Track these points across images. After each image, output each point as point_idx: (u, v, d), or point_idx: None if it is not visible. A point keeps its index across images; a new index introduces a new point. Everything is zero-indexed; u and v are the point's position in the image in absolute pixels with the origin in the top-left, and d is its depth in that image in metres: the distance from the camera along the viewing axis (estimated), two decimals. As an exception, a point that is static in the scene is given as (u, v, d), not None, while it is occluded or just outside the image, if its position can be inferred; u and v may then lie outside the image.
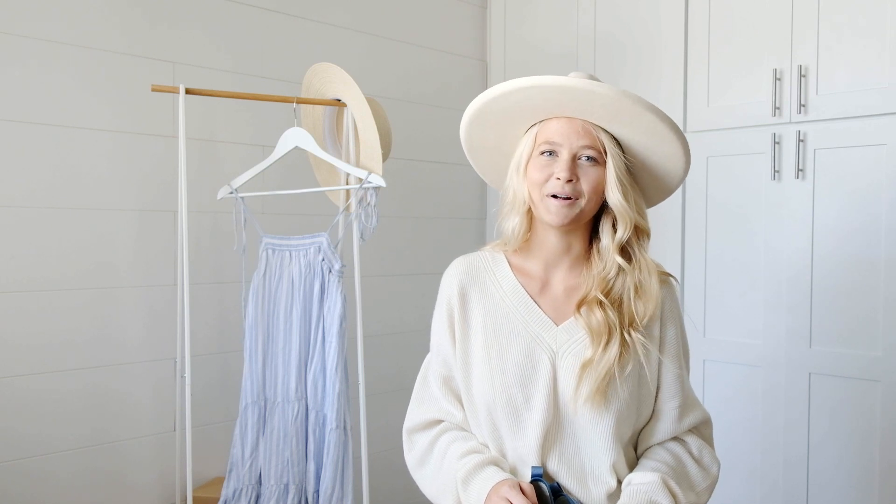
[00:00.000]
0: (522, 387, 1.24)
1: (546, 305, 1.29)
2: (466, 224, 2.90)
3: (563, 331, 1.27)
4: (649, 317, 1.26)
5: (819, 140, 2.10)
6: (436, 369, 1.35)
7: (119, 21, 2.06)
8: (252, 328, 1.97)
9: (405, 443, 1.37)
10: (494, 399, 1.25)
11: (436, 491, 1.30)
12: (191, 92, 1.88)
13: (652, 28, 2.44)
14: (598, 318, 1.23)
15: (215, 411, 2.24)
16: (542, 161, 1.25)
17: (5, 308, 1.90)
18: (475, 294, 1.31)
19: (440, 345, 1.34)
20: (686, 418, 1.30)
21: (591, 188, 1.24)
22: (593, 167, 1.24)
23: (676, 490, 1.21)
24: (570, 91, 1.21)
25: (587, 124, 1.25)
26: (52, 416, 1.97)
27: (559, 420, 1.24)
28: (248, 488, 1.95)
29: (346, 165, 1.99)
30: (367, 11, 2.59)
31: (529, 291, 1.30)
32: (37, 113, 1.94)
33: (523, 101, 1.26)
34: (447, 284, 1.34)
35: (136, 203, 2.10)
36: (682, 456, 1.29)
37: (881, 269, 2.01)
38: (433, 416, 1.34)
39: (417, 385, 1.39)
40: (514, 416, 1.24)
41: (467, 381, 1.30)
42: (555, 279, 1.31)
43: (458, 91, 2.86)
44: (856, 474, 2.06)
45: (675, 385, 1.29)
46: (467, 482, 1.23)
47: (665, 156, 1.28)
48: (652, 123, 1.23)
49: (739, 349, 2.26)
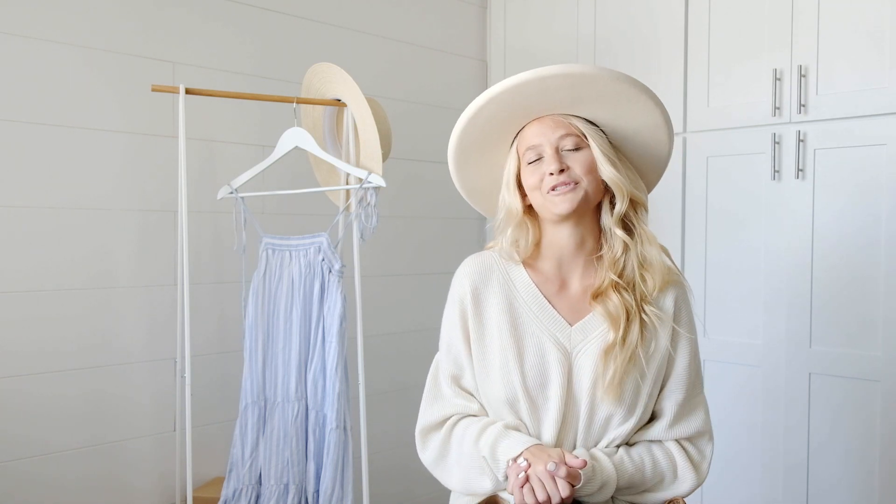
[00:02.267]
0: (540, 388, 1.25)
1: (561, 306, 1.30)
2: (466, 224, 2.90)
3: (577, 331, 1.27)
4: (659, 287, 1.27)
5: (819, 140, 2.10)
6: (446, 368, 1.34)
7: (119, 21, 2.06)
8: (252, 328, 1.97)
9: (419, 443, 1.36)
10: (513, 399, 1.25)
11: (464, 476, 1.28)
12: (191, 92, 1.88)
13: (652, 27, 2.44)
14: (615, 302, 1.24)
15: (215, 411, 2.24)
16: (532, 168, 1.27)
17: (5, 308, 1.90)
18: (489, 294, 1.31)
19: (451, 344, 1.33)
20: (679, 425, 1.28)
21: (585, 169, 1.24)
22: (578, 152, 1.25)
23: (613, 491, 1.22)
24: (521, 87, 1.22)
25: (557, 117, 1.27)
26: (51, 417, 1.97)
27: (571, 418, 1.25)
28: (248, 488, 1.95)
29: (346, 165, 1.99)
30: (367, 11, 2.59)
31: (545, 292, 1.30)
32: (36, 113, 1.94)
33: (487, 123, 1.28)
34: (459, 284, 1.33)
35: (136, 203, 2.10)
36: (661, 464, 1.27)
37: (881, 269, 2.00)
38: (446, 413, 1.33)
39: (428, 384, 1.38)
40: (533, 415, 1.25)
41: (485, 382, 1.29)
42: (572, 279, 1.31)
43: (458, 91, 2.86)
44: (856, 474, 2.06)
45: (677, 383, 1.29)
46: (494, 450, 1.22)
47: (644, 125, 1.28)
48: (610, 85, 1.22)
49: (739, 349, 2.26)
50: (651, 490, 1.28)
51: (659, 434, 1.28)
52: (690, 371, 1.30)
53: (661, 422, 1.28)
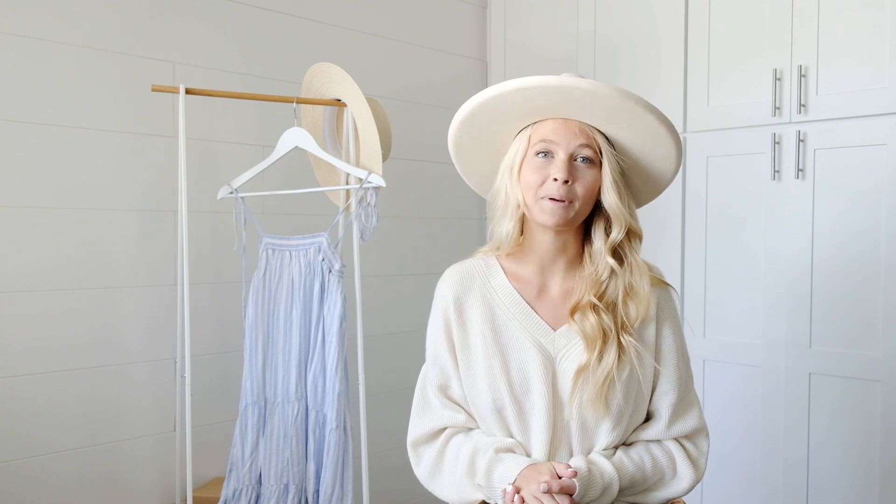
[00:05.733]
0: (526, 393, 1.24)
1: (543, 311, 1.29)
2: (466, 224, 2.90)
3: (560, 335, 1.27)
4: (641, 319, 1.25)
5: (819, 140, 2.10)
6: (432, 379, 1.34)
7: (119, 21, 2.06)
8: (252, 328, 1.97)
9: (412, 457, 1.36)
10: (501, 406, 1.25)
11: (458, 496, 1.28)
12: (191, 92, 1.88)
13: (652, 27, 2.44)
14: (591, 322, 1.23)
15: (215, 411, 2.24)
16: (538, 162, 1.24)
17: (5, 307, 1.90)
18: (471, 303, 1.30)
19: (437, 354, 1.33)
20: (676, 423, 1.28)
21: (586, 190, 1.23)
22: (589, 168, 1.23)
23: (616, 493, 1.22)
24: (572, 91, 1.19)
25: (583, 125, 1.24)
26: (51, 417, 1.97)
27: (561, 422, 1.24)
28: (248, 488, 1.95)
29: (346, 165, 1.99)
30: (367, 11, 2.59)
31: (526, 297, 1.29)
32: (36, 113, 1.94)
33: (522, 102, 1.24)
34: (441, 295, 1.33)
35: (136, 203, 2.10)
36: (661, 462, 1.27)
37: (881, 269, 2.00)
38: (435, 425, 1.33)
39: (416, 396, 1.38)
40: (521, 421, 1.25)
41: (472, 390, 1.29)
42: (552, 283, 1.31)
43: (458, 91, 2.86)
44: (856, 474, 2.06)
45: (668, 385, 1.28)
46: (489, 478, 1.22)
47: (660, 158, 1.28)
48: (651, 125, 1.22)
49: (739, 349, 2.26)
50: (651, 489, 1.28)
51: (658, 434, 1.28)
52: (680, 370, 1.30)
53: (658, 423, 1.28)
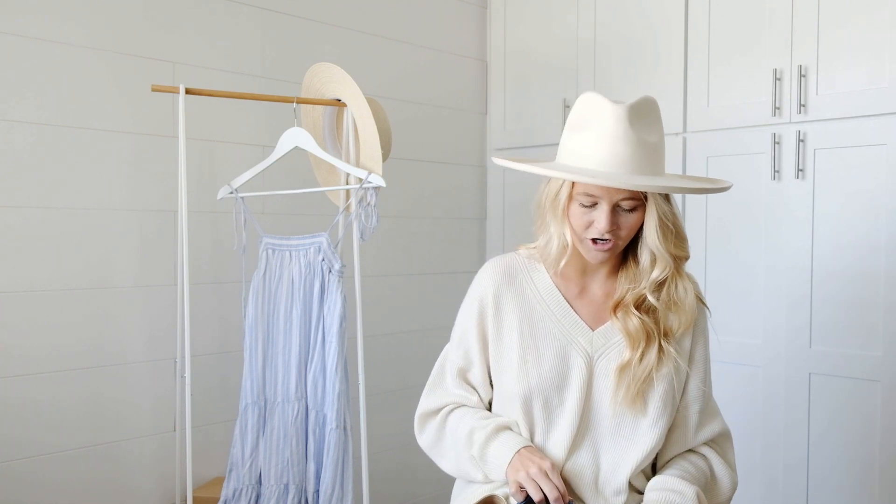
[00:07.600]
0: (558, 389, 1.26)
1: (583, 310, 1.31)
2: (466, 224, 2.90)
3: (599, 335, 1.28)
4: (683, 330, 1.28)
5: (819, 140, 2.10)
6: (454, 360, 1.37)
7: (119, 21, 2.06)
8: (252, 328, 1.97)
9: (417, 427, 1.40)
10: (529, 400, 1.26)
11: (456, 462, 1.33)
12: (191, 92, 1.88)
13: (652, 27, 2.44)
14: (634, 323, 1.25)
15: (215, 411, 2.24)
16: (582, 211, 1.23)
17: (4, 308, 1.90)
18: (510, 297, 1.32)
19: (464, 338, 1.35)
20: (704, 429, 1.31)
21: (630, 231, 1.24)
22: (633, 213, 1.23)
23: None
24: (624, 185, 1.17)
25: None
26: (51, 417, 1.97)
27: (588, 422, 1.26)
28: (248, 488, 1.95)
29: (346, 165, 1.99)
30: (366, 11, 2.59)
31: (567, 295, 1.31)
32: (36, 113, 1.94)
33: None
34: (481, 285, 1.35)
35: (136, 203, 2.10)
36: (704, 470, 1.30)
37: (881, 269, 2.00)
38: (444, 401, 1.36)
39: (434, 373, 1.41)
40: (548, 416, 1.26)
41: (500, 378, 1.31)
42: (594, 284, 1.33)
43: (458, 91, 2.86)
44: (856, 474, 2.06)
45: (696, 392, 1.30)
46: (484, 452, 1.25)
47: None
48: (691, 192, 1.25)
49: (740, 349, 2.26)
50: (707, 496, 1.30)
51: (688, 442, 1.31)
52: (707, 381, 1.33)
53: (686, 430, 1.30)
